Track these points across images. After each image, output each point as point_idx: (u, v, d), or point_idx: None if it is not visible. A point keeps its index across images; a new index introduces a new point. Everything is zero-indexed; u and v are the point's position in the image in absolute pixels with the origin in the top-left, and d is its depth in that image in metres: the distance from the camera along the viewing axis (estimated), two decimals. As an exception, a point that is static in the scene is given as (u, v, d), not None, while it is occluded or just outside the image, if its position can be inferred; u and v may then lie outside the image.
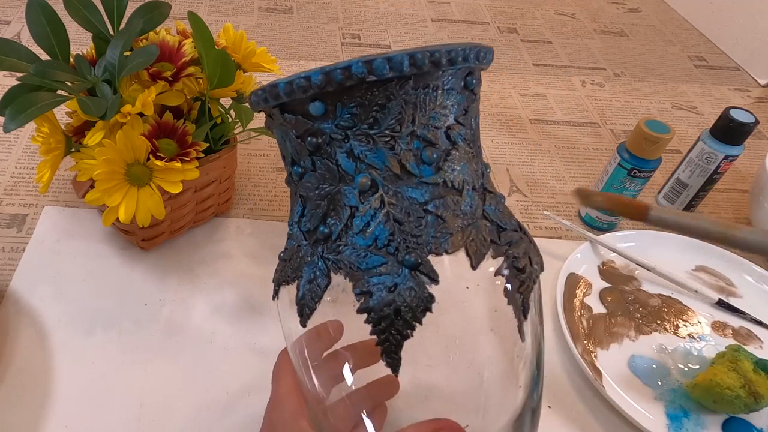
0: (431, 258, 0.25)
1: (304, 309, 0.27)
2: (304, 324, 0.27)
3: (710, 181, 0.60)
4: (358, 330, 0.28)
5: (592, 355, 0.47)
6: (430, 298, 0.25)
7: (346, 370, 0.31)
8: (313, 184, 0.27)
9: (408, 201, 0.25)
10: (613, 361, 0.47)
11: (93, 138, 0.41)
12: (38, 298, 0.47)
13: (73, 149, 0.44)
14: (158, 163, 0.41)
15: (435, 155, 0.25)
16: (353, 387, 0.31)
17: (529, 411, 0.29)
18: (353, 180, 0.25)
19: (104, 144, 0.40)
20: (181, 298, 0.48)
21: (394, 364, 0.25)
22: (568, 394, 0.46)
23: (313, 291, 0.26)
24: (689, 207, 0.63)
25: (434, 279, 0.25)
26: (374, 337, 0.25)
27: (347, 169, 0.25)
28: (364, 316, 0.25)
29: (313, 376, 0.31)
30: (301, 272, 0.27)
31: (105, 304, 0.47)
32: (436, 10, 1.01)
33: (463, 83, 0.26)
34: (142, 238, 0.50)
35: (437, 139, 0.26)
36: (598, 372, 0.46)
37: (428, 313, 0.25)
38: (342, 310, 0.29)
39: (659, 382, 0.46)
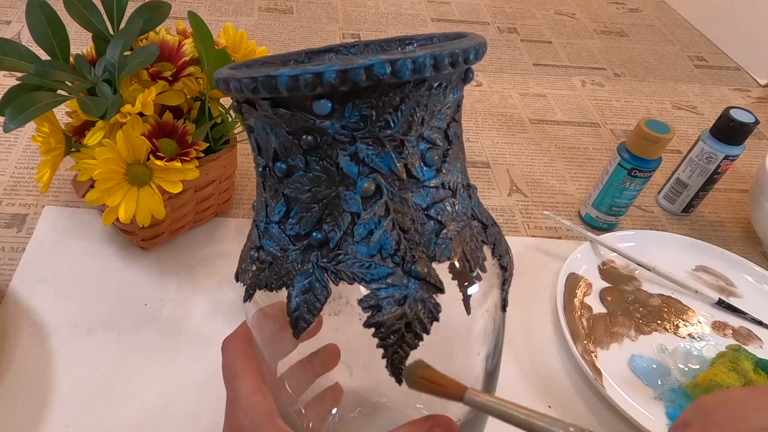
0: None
1: (299, 322, 0.25)
2: (297, 337, 0.25)
3: (710, 181, 0.60)
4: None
5: (592, 355, 0.47)
6: (438, 308, 0.24)
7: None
8: (303, 185, 0.24)
9: (413, 207, 0.24)
10: (613, 361, 0.47)
11: (93, 138, 0.41)
12: (38, 298, 0.47)
13: (73, 149, 0.44)
14: (158, 162, 0.41)
15: (436, 157, 0.25)
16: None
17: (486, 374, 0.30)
18: (355, 185, 0.23)
19: (104, 144, 0.40)
20: (181, 298, 0.48)
21: (399, 375, 0.24)
22: (568, 394, 0.46)
23: (309, 303, 0.24)
24: (689, 207, 0.63)
25: (441, 289, 0.24)
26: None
27: (349, 173, 0.23)
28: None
29: (272, 355, 0.30)
30: (291, 280, 0.25)
31: (105, 304, 0.47)
32: (436, 10, 1.01)
33: (462, 77, 0.25)
34: (142, 238, 0.50)
35: (440, 139, 0.25)
36: (598, 372, 0.46)
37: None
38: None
39: (659, 382, 0.46)
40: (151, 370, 0.43)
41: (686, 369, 0.47)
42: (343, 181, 0.23)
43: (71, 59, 0.44)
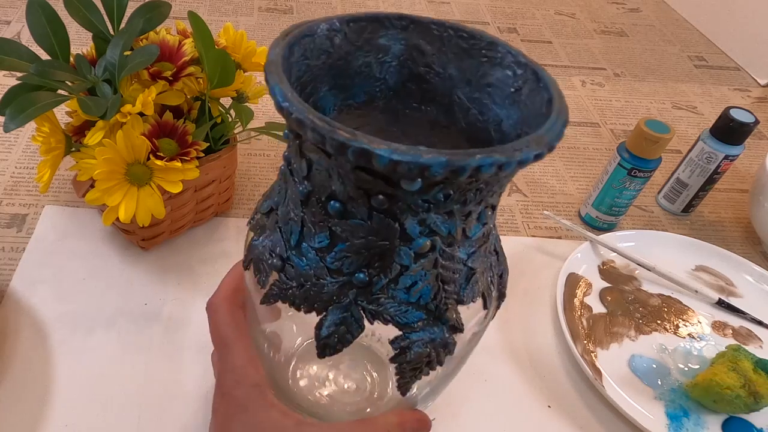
0: None
1: (327, 349, 0.25)
2: (320, 357, 0.26)
3: (710, 181, 0.60)
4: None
5: (592, 354, 0.47)
6: (454, 346, 0.26)
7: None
8: (358, 231, 0.23)
9: (457, 261, 0.25)
10: (613, 361, 0.47)
11: (93, 138, 0.41)
12: (38, 298, 0.47)
13: (73, 149, 0.44)
14: (158, 162, 0.41)
15: (489, 215, 0.25)
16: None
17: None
18: (412, 242, 0.23)
19: (104, 144, 0.40)
20: (181, 298, 0.48)
21: (406, 390, 0.27)
22: (568, 394, 0.46)
23: (342, 336, 0.25)
24: (689, 207, 0.63)
25: (461, 330, 0.26)
26: None
27: (411, 233, 0.23)
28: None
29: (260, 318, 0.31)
30: (323, 308, 0.25)
31: (105, 304, 0.47)
32: (436, 10, 1.01)
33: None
34: (142, 238, 0.50)
35: (497, 200, 0.25)
36: (598, 372, 0.46)
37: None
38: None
39: (659, 382, 0.46)
40: (151, 370, 0.43)
41: (686, 369, 0.47)
42: (402, 238, 0.23)
43: (71, 59, 0.44)
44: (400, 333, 0.25)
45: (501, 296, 0.29)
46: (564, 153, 0.71)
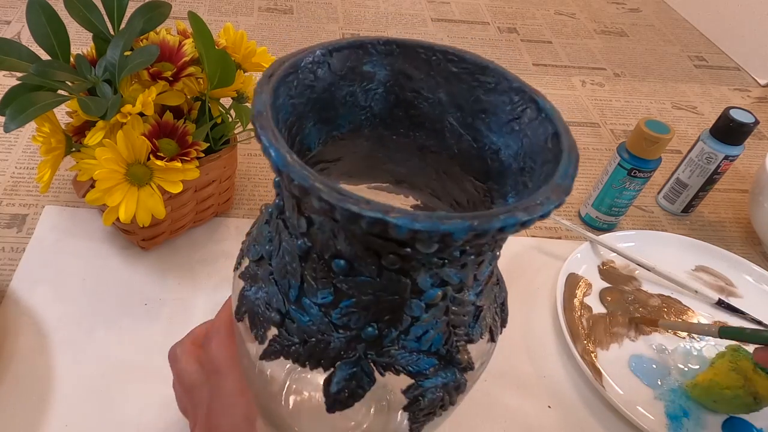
0: None
1: (337, 405, 0.24)
2: (330, 412, 0.24)
3: (710, 181, 0.60)
4: None
5: (592, 355, 0.47)
6: (466, 384, 0.26)
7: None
8: (366, 288, 0.22)
9: (467, 305, 0.24)
10: (613, 361, 0.47)
11: (93, 138, 0.41)
12: (38, 298, 0.47)
13: (74, 149, 0.44)
14: (158, 162, 0.41)
15: (496, 258, 0.25)
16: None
17: None
18: (423, 294, 0.22)
19: (104, 144, 0.40)
20: (181, 298, 0.48)
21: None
22: (568, 394, 0.46)
23: (353, 391, 0.24)
24: (689, 207, 0.63)
25: (472, 368, 0.25)
26: None
27: (422, 286, 0.22)
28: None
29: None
30: (331, 364, 0.24)
31: (105, 304, 0.47)
32: (436, 10, 1.01)
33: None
34: (142, 238, 0.50)
35: (498, 251, 0.25)
36: (598, 372, 0.46)
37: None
38: None
39: (659, 382, 0.46)
40: (151, 370, 0.43)
41: (686, 369, 0.47)
42: (413, 291, 0.22)
43: (71, 59, 0.44)
44: (413, 382, 0.24)
45: (503, 323, 0.29)
46: (564, 153, 0.71)
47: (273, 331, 0.25)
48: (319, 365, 0.24)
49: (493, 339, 0.27)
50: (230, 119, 0.50)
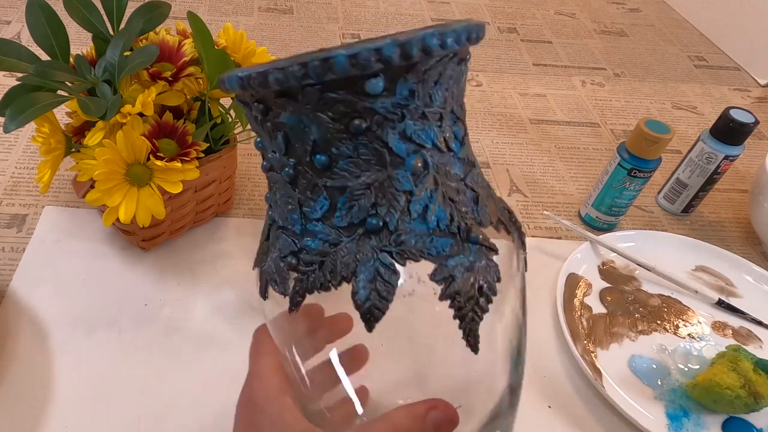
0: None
1: (373, 311, 0.24)
2: (370, 330, 0.24)
3: (710, 181, 0.60)
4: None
5: (592, 355, 0.47)
6: (498, 269, 0.25)
7: (330, 351, 0.31)
8: (352, 172, 0.24)
9: (454, 178, 0.25)
10: (613, 361, 0.47)
11: (93, 138, 0.41)
12: (38, 298, 0.47)
13: (74, 149, 0.44)
14: (158, 163, 0.41)
15: (460, 131, 0.26)
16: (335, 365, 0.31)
17: (508, 389, 0.29)
18: (404, 163, 0.24)
19: (104, 144, 0.40)
20: (181, 298, 0.48)
21: (476, 343, 0.25)
22: (568, 394, 0.46)
23: (380, 290, 0.24)
24: (689, 207, 0.63)
25: (495, 250, 0.25)
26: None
27: (399, 152, 0.23)
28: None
29: (297, 355, 0.30)
30: (352, 272, 0.24)
31: (105, 304, 0.47)
32: (436, 10, 1.01)
33: (468, 57, 0.26)
34: (142, 238, 0.50)
35: (460, 113, 0.26)
36: (598, 372, 0.46)
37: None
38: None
39: (659, 382, 0.46)
40: (151, 370, 0.43)
41: (686, 369, 0.47)
42: (393, 162, 0.24)
43: (71, 59, 0.44)
44: (436, 265, 0.24)
45: (516, 225, 0.29)
46: (564, 153, 0.71)
47: (292, 281, 0.26)
48: (342, 279, 0.24)
49: (507, 231, 0.27)
50: (230, 119, 0.50)
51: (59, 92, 0.42)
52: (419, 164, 0.24)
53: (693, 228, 0.63)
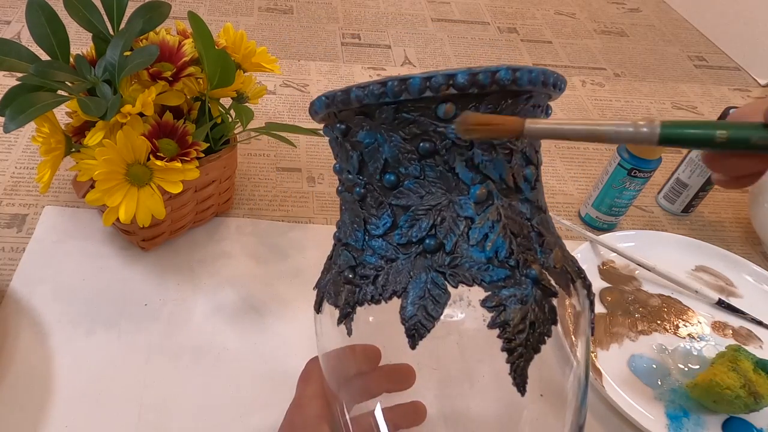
0: None
1: (418, 328, 0.24)
2: (413, 347, 0.24)
3: (710, 181, 0.60)
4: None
5: (592, 355, 0.47)
6: (555, 311, 0.24)
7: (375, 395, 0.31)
8: (416, 192, 0.25)
9: (519, 215, 0.25)
10: (613, 361, 0.47)
11: (93, 138, 0.41)
12: (38, 298, 0.47)
13: (74, 149, 0.44)
14: (158, 163, 0.41)
15: (532, 175, 0.26)
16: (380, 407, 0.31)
17: (576, 428, 0.28)
18: (469, 191, 0.24)
19: (104, 144, 0.40)
20: (181, 298, 0.48)
21: (523, 382, 0.25)
22: (568, 394, 0.45)
23: (428, 308, 0.24)
24: (689, 207, 0.63)
25: (555, 293, 0.25)
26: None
27: (464, 179, 0.24)
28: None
29: (341, 390, 0.31)
30: (402, 288, 0.25)
31: (105, 304, 0.47)
32: (436, 10, 1.01)
33: (545, 106, 0.27)
34: (142, 238, 0.50)
35: (533, 158, 0.26)
36: (598, 372, 0.46)
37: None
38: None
39: (659, 382, 0.46)
40: (151, 370, 0.43)
41: (686, 369, 0.47)
42: (458, 187, 0.24)
43: (71, 59, 0.44)
44: (489, 292, 0.24)
45: (587, 286, 0.28)
46: (564, 153, 0.71)
47: (348, 288, 0.27)
48: (393, 294, 0.25)
49: (572, 280, 0.26)
50: (230, 119, 0.50)
51: (59, 92, 0.42)
52: (484, 193, 0.24)
53: (693, 228, 0.63)
